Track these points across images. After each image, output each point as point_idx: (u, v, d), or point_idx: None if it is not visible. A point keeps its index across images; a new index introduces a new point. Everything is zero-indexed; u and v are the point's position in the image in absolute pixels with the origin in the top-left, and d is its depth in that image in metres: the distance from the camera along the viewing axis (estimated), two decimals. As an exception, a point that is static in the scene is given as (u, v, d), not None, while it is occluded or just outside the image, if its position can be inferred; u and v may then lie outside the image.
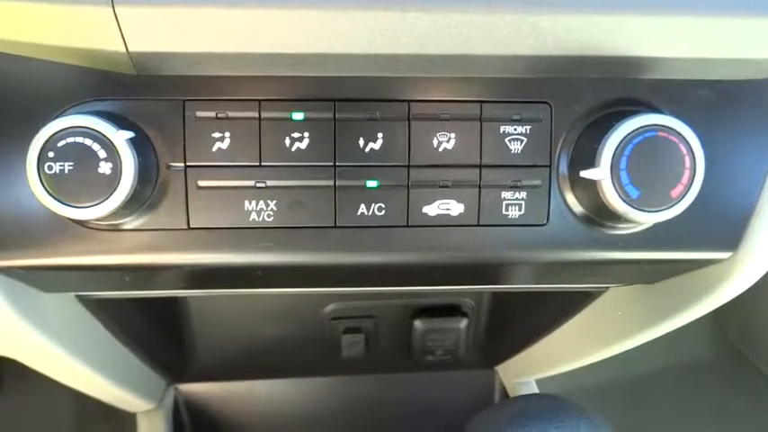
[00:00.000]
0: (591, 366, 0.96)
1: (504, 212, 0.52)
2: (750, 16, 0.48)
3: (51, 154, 0.45)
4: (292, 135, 0.50)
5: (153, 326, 0.97)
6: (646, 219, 0.48)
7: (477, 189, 0.52)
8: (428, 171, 0.51)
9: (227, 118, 0.49)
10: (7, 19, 0.45)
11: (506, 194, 0.52)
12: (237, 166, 0.50)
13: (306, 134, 0.50)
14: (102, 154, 0.45)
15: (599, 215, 0.51)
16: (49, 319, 0.63)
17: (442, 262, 0.54)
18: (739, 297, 0.62)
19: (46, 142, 0.45)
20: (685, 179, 0.48)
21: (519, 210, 0.52)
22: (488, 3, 0.45)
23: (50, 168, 0.45)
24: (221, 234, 0.51)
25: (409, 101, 0.51)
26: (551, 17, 0.46)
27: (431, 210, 0.52)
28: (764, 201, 0.54)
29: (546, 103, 0.51)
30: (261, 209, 0.50)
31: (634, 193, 0.48)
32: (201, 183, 0.50)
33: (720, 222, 0.54)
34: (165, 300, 0.95)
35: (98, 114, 0.46)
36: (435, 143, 0.51)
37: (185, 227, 0.50)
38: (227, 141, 0.50)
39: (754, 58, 0.50)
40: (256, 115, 0.50)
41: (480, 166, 0.51)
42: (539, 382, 1.18)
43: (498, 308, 1.10)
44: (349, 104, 0.50)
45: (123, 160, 0.45)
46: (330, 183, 0.50)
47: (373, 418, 1.23)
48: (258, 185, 0.50)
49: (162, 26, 0.45)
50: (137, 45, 0.45)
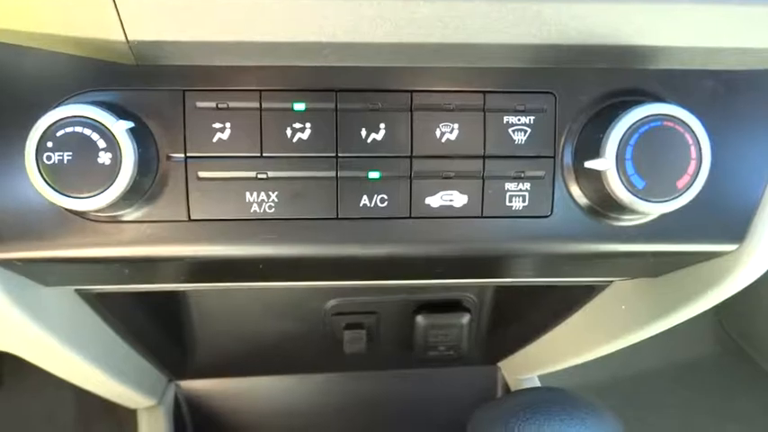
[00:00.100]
0: (593, 363, 0.95)
1: (507, 204, 0.51)
2: (757, 4, 0.47)
3: (50, 144, 0.44)
4: (294, 126, 0.49)
5: (153, 321, 0.96)
6: (651, 209, 0.48)
7: (480, 180, 0.51)
8: (431, 162, 0.51)
9: (227, 108, 0.49)
10: (6, 8, 0.45)
11: (510, 185, 0.51)
12: (238, 157, 0.49)
13: (307, 125, 0.49)
14: (101, 144, 0.45)
15: (604, 206, 0.51)
16: (49, 314, 0.63)
17: (445, 254, 0.53)
18: (742, 294, 0.61)
19: (44, 132, 0.44)
20: (691, 169, 0.48)
21: (523, 201, 0.51)
22: (492, -10, 0.45)
23: (49, 158, 0.44)
24: (222, 226, 0.50)
25: (412, 91, 0.50)
26: (555, 5, 0.45)
27: (434, 201, 0.51)
28: None
29: (550, 94, 0.51)
30: (262, 200, 0.50)
31: (640, 184, 0.47)
32: (202, 174, 0.49)
33: (726, 214, 0.54)
34: (166, 295, 0.95)
35: (97, 104, 0.46)
36: (438, 134, 0.51)
37: (186, 218, 0.50)
38: (227, 132, 0.49)
39: (761, 48, 0.50)
40: (257, 105, 0.49)
41: (484, 157, 0.51)
42: (541, 379, 1.17)
43: (501, 303, 1.10)
44: (351, 95, 0.50)
45: (123, 150, 0.45)
46: (332, 174, 0.50)
47: (374, 415, 1.23)
48: (259, 177, 0.50)
49: (161, 14, 0.44)
50: (136, 33, 0.45)
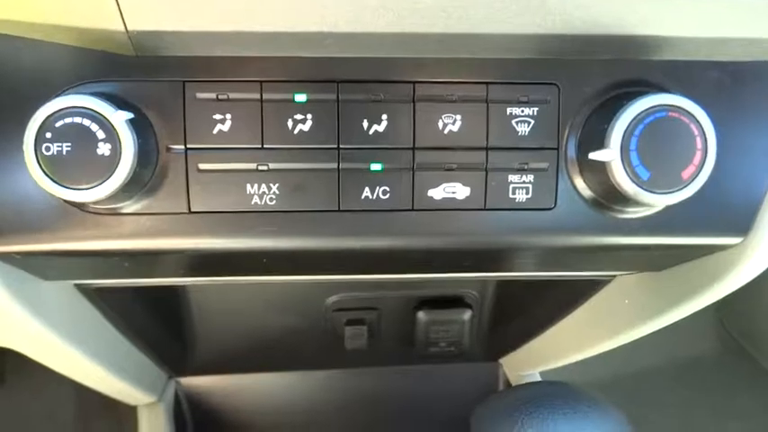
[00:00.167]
0: (594, 361, 0.95)
1: (510, 196, 0.51)
2: None
3: (49, 135, 0.44)
4: (295, 117, 0.49)
5: (154, 317, 0.96)
6: (656, 201, 0.47)
7: (483, 172, 0.51)
8: (433, 153, 0.50)
9: (228, 99, 0.48)
10: (5, -2, 0.45)
11: (513, 177, 0.51)
12: (239, 149, 0.49)
13: (308, 116, 0.49)
14: (100, 135, 0.44)
15: (608, 198, 0.50)
16: (49, 309, 0.63)
17: (448, 246, 0.53)
18: (743, 292, 0.61)
19: (43, 122, 0.44)
20: (697, 160, 0.47)
21: (526, 193, 0.51)
22: (495, -21, 0.44)
23: (48, 149, 0.44)
24: (223, 218, 0.50)
25: (414, 82, 0.50)
26: None
27: (436, 193, 0.51)
28: None
29: (554, 85, 0.50)
30: (263, 192, 0.50)
31: (644, 175, 0.47)
32: (202, 165, 0.49)
33: (730, 207, 0.53)
34: (166, 290, 0.94)
35: (97, 95, 0.45)
36: (441, 125, 0.50)
37: (186, 211, 0.49)
38: (228, 123, 0.49)
39: (766, 38, 0.49)
40: (258, 97, 0.49)
41: (487, 149, 0.50)
42: (542, 376, 1.17)
43: (503, 299, 1.10)
44: (353, 86, 0.49)
45: (122, 141, 0.44)
46: (333, 165, 0.50)
47: (375, 412, 1.22)
48: (260, 168, 0.49)
49: (161, 3, 0.44)
50: (136, 24, 0.44)
